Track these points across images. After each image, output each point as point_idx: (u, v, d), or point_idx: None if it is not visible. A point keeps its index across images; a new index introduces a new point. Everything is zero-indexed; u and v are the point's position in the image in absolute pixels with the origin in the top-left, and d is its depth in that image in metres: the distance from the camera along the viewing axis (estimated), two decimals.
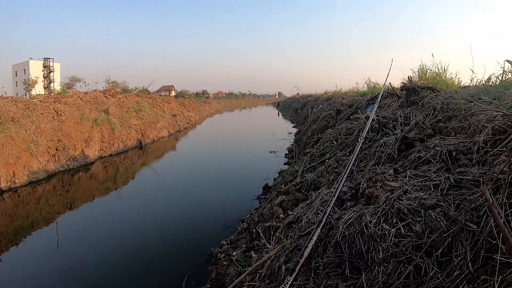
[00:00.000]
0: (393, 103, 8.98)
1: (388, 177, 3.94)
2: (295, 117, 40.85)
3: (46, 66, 79.01)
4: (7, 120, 14.75)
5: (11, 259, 8.06)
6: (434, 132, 5.23)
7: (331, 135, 9.21)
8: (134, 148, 23.40)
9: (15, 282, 6.92)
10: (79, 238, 8.62)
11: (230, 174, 15.06)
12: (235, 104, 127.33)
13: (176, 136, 31.38)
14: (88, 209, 11.27)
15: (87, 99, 22.55)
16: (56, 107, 18.90)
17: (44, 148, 16.06)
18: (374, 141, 6.37)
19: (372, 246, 2.86)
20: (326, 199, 4.15)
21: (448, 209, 2.81)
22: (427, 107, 6.67)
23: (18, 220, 10.70)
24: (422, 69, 10.73)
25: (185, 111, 47.70)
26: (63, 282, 6.48)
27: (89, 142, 19.46)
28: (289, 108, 61.48)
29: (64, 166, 16.73)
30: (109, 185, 14.76)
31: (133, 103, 28.51)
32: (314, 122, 17.84)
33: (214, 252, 7.00)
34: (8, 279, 7.11)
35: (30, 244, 8.79)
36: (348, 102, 15.88)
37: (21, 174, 13.97)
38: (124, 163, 19.55)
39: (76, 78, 39.60)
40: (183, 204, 10.98)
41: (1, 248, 8.58)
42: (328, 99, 25.85)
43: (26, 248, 8.60)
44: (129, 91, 38.70)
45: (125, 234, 8.76)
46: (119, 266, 7.10)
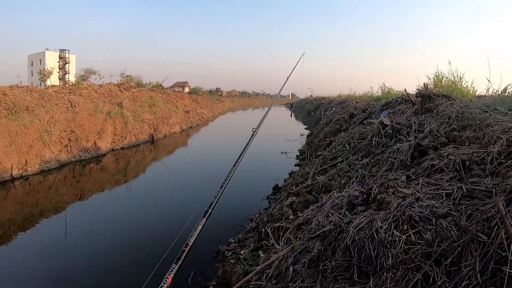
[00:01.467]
0: (408, 110, 8.93)
1: (400, 184, 3.93)
2: (307, 119, 40.77)
3: (62, 57, 79.59)
4: (21, 109, 14.93)
5: (19, 245, 8.18)
6: (448, 140, 5.20)
7: (344, 138, 9.20)
8: (146, 142, 23.55)
9: (21, 267, 7.02)
10: (87, 230, 8.69)
11: (240, 173, 14.92)
12: (248, 103, 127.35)
13: (188, 133, 31.49)
14: (97, 200, 11.36)
15: (101, 91, 22.71)
16: (70, 98, 19.08)
17: (57, 138, 16.26)
18: (387, 147, 6.35)
19: (382, 251, 2.86)
20: (337, 203, 4.16)
21: (460, 218, 2.80)
22: (442, 115, 6.62)
23: (28, 207, 10.85)
24: (438, 76, 10.65)
25: (198, 108, 47.87)
26: (68, 271, 6.53)
27: (102, 134, 19.62)
28: (302, 109, 61.34)
29: (76, 157, 16.91)
30: (119, 177, 14.88)
31: (146, 98, 28.66)
32: (326, 125, 17.82)
33: (222, 250, 7.03)
34: (14, 264, 7.24)
35: (38, 231, 8.93)
36: (362, 106, 15.81)
37: (33, 162, 14.15)
38: (135, 157, 19.68)
39: (91, 71, 40.07)
40: (192, 200, 11.02)
41: (9, 234, 8.71)
42: (342, 103, 25.74)
43: (33, 235, 8.73)
44: (143, 85, 38.93)
45: (132, 227, 8.82)
46: (125, 258, 7.16)
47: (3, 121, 13.83)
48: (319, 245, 3.55)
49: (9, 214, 10.29)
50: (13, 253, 7.87)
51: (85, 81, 30.31)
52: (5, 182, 12.71)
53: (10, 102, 14.82)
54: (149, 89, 34.25)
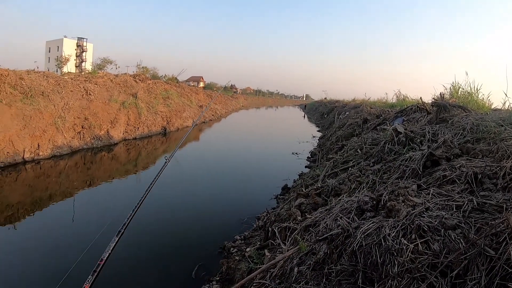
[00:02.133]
0: (422, 118, 8.89)
1: (411, 192, 3.93)
2: (320, 121, 40.63)
3: (80, 45, 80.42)
4: (37, 94, 15.11)
5: (26, 227, 8.31)
6: (461, 152, 5.18)
7: (356, 143, 9.18)
8: (158, 134, 23.70)
9: (27, 250, 7.11)
10: (94, 217, 8.73)
11: (250, 171, 15.12)
12: (262, 102, 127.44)
13: (200, 127, 31.58)
14: (106, 189, 11.44)
15: (117, 81, 22.87)
16: (86, 86, 19.27)
17: (70, 125, 16.44)
18: (399, 155, 6.34)
19: (388, 259, 2.85)
20: (346, 207, 4.16)
21: (468, 231, 2.80)
22: (457, 126, 6.60)
23: (37, 191, 10.98)
24: (454, 87, 10.60)
25: (211, 103, 47.92)
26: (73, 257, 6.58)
27: (115, 123, 19.77)
28: (316, 111, 61.16)
29: (88, 144, 17.09)
30: (130, 167, 14.99)
31: (161, 90, 28.79)
32: (339, 129, 17.77)
33: (227, 246, 7.04)
34: (20, 246, 7.33)
35: (46, 215, 9.04)
36: (376, 112, 15.73)
37: (46, 147, 14.34)
38: (147, 148, 19.81)
39: (107, 60, 40.32)
40: (200, 194, 11.07)
41: (17, 216, 8.83)
42: (356, 107, 25.64)
43: (41, 218, 8.83)
44: (159, 78, 39.12)
45: (140, 219, 8.85)
46: (130, 249, 7.19)
47: (18, 105, 13.99)
48: (326, 248, 3.56)
49: (18, 196, 10.43)
50: (15, 236, 8.00)
51: (101, 70, 30.44)
52: (17, 165, 12.91)
53: (26, 86, 15.01)
54: (164, 81, 34.37)
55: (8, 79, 14.40)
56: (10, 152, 12.87)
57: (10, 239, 7.78)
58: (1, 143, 12.58)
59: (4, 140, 12.75)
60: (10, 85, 14.33)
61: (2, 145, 12.61)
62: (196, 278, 6.05)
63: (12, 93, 14.16)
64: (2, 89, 13.81)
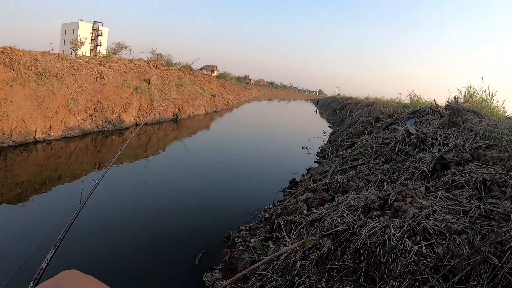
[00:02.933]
0: (435, 121, 8.85)
1: (419, 194, 3.93)
2: (332, 117, 40.48)
3: (95, 29, 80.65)
4: (51, 75, 15.21)
5: (34, 207, 8.41)
6: (472, 157, 5.16)
7: (367, 141, 9.16)
8: (169, 121, 23.79)
9: (33, 229, 7.21)
10: (101, 201, 8.79)
11: (258, 162, 15.12)
12: (275, 94, 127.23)
13: (212, 116, 31.65)
14: (115, 173, 11.50)
15: (131, 66, 22.94)
16: (100, 70, 19.35)
17: (83, 107, 16.58)
18: (409, 156, 6.33)
19: (392, 259, 2.86)
20: (353, 204, 4.18)
21: (474, 237, 2.80)
22: (469, 131, 6.56)
23: (47, 171, 11.09)
24: (469, 91, 10.52)
25: (224, 93, 48.04)
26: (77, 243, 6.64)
27: (127, 108, 19.89)
28: (328, 107, 60.93)
29: (99, 127, 17.23)
30: (139, 152, 15.06)
31: (174, 77, 28.84)
32: (351, 126, 17.73)
33: (232, 236, 7.08)
34: (28, 225, 7.45)
35: (54, 195, 9.13)
36: (389, 111, 15.65)
37: (57, 128, 14.48)
38: (158, 134, 19.90)
39: (122, 45, 40.40)
40: (207, 183, 11.12)
41: (26, 194, 8.94)
42: (368, 105, 25.51)
43: (49, 198, 8.93)
44: (172, 65, 39.14)
45: (146, 204, 8.92)
46: (135, 235, 7.25)
47: (32, 85, 14.11)
48: (330, 243, 3.58)
49: (28, 175, 10.56)
50: (23, 212, 8.15)
51: (116, 55, 30.57)
52: (28, 144, 13.08)
53: (41, 67, 15.10)
54: (178, 69, 34.41)
55: (23, 59, 14.51)
56: (22, 131, 13.02)
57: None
58: (13, 122, 12.73)
59: (17, 119, 12.89)
60: (24, 65, 14.44)
61: (14, 124, 12.75)
62: (199, 266, 6.10)
63: (26, 73, 14.28)
64: (17, 69, 13.92)
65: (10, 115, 12.60)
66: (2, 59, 13.74)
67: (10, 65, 13.82)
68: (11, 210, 8.11)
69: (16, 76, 13.68)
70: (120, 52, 38.58)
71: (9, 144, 12.37)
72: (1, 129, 12.24)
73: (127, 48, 40.19)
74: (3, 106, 12.50)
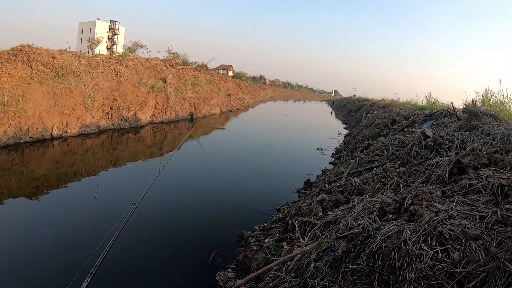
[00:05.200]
0: (452, 124, 8.77)
1: (435, 198, 3.91)
2: (348, 118, 40.24)
3: (112, 28, 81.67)
4: (68, 73, 15.47)
5: (50, 201, 8.54)
6: (489, 162, 5.08)
7: (383, 144, 9.12)
8: (185, 120, 23.94)
9: (49, 221, 7.34)
10: (116, 196, 8.84)
11: (274, 163, 15.12)
12: (290, 95, 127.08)
13: (227, 116, 31.75)
14: (130, 170, 11.61)
15: (147, 65, 23.19)
16: (116, 68, 19.62)
17: (99, 105, 16.82)
18: (426, 159, 6.28)
19: (407, 263, 2.84)
20: (369, 207, 4.16)
21: (490, 244, 2.76)
22: (487, 135, 6.49)
23: (63, 167, 11.26)
24: (486, 94, 10.40)
25: (240, 92, 48.19)
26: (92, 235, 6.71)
27: (143, 106, 20.09)
28: (343, 108, 60.54)
29: (115, 125, 17.45)
30: (155, 150, 15.19)
31: (190, 76, 29.05)
32: (366, 127, 17.62)
33: (246, 235, 7.10)
34: (44, 218, 7.61)
35: (69, 190, 9.27)
36: (405, 113, 15.51)
37: (74, 125, 14.71)
38: (173, 132, 20.02)
39: (139, 44, 40.83)
40: (222, 182, 11.16)
41: (42, 189, 9.08)
42: (384, 107, 25.29)
43: (65, 193, 9.07)
44: (188, 64, 39.46)
45: (161, 202, 8.97)
46: (150, 231, 7.31)
47: (49, 83, 14.35)
48: (345, 246, 3.58)
49: (44, 170, 10.76)
50: (40, 206, 8.28)
51: (132, 54, 30.88)
52: (45, 140, 13.34)
53: (58, 65, 15.38)
54: (194, 68, 34.68)
55: (41, 57, 14.77)
56: (39, 128, 13.25)
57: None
58: (31, 119, 12.96)
59: (34, 116, 13.13)
60: (42, 63, 14.70)
61: (31, 121, 12.98)
62: (213, 264, 6.14)
63: (44, 71, 14.53)
64: (35, 67, 14.18)
65: (27, 112, 12.83)
66: (20, 57, 13.99)
67: (28, 63, 14.07)
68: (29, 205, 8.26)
69: (34, 74, 13.92)
70: (136, 51, 39.02)
71: (26, 140, 12.61)
72: (18, 125, 12.46)
73: (143, 47, 40.60)
74: (20, 102, 12.72)
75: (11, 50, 14.39)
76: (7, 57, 13.70)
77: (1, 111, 12.04)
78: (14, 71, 13.28)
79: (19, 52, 14.22)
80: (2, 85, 12.49)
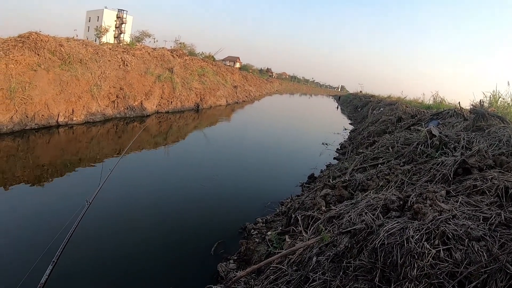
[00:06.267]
0: (458, 124, 8.75)
1: (439, 198, 3.91)
2: (353, 114, 40.09)
3: (119, 17, 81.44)
4: (75, 61, 15.50)
5: (53, 187, 8.59)
6: (494, 164, 5.08)
7: (388, 141, 9.11)
8: (190, 110, 23.97)
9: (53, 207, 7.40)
10: (120, 187, 8.85)
11: (277, 156, 15.12)
12: (296, 88, 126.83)
13: (233, 107, 31.76)
14: (134, 159, 11.64)
15: (154, 55, 23.18)
16: (123, 57, 19.65)
17: (106, 93, 16.90)
18: (431, 158, 6.28)
19: (409, 261, 2.85)
20: (372, 203, 4.17)
21: (492, 245, 2.77)
22: (493, 137, 6.47)
23: (67, 154, 11.33)
24: (494, 96, 10.37)
25: (246, 84, 48.13)
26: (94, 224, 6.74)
27: (149, 96, 20.13)
28: (350, 104, 60.29)
29: (121, 114, 17.52)
30: (159, 140, 15.21)
31: (197, 67, 29.00)
32: (372, 124, 17.61)
33: (248, 227, 7.11)
34: (48, 203, 7.64)
35: (73, 178, 9.31)
36: (411, 112, 15.46)
37: (80, 113, 14.78)
38: (178, 122, 20.05)
39: (146, 33, 40.79)
40: (226, 174, 11.16)
41: (46, 176, 9.14)
42: (391, 104, 25.22)
43: (68, 181, 9.10)
44: (195, 54, 39.39)
45: (165, 192, 9.01)
46: (152, 220, 7.35)
47: (56, 70, 14.40)
48: (347, 241, 3.59)
49: (49, 157, 10.84)
50: (43, 192, 8.34)
51: (140, 43, 30.82)
52: (50, 127, 13.43)
53: (65, 53, 15.42)
54: (201, 59, 34.62)
55: (48, 45, 14.80)
56: (45, 115, 13.33)
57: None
58: (37, 106, 13.04)
59: (40, 103, 13.20)
60: (49, 51, 14.74)
61: (37, 108, 13.06)
62: (215, 255, 6.16)
63: (51, 58, 14.57)
64: (42, 54, 14.22)
65: (33, 99, 12.89)
66: (27, 44, 14.02)
67: (35, 50, 14.11)
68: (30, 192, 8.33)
69: (40, 61, 13.97)
70: (143, 40, 38.94)
71: (32, 126, 12.68)
72: (24, 112, 12.53)
73: (150, 36, 40.51)
74: (27, 89, 12.78)
75: (18, 37, 14.42)
76: (14, 44, 13.73)
77: (8, 97, 12.11)
78: (21, 58, 13.32)
79: (26, 39, 14.25)
80: (9, 72, 12.53)
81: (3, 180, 8.53)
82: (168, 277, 5.49)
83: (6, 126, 11.88)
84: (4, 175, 8.87)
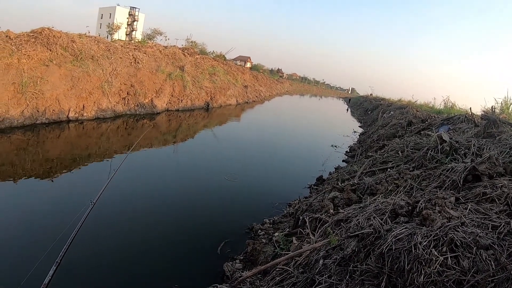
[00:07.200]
0: (469, 130, 8.70)
1: (448, 204, 3.89)
2: (363, 117, 39.94)
3: (132, 14, 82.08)
4: (87, 57, 15.66)
5: (60, 184, 8.62)
6: (505, 171, 5.03)
7: (398, 145, 9.08)
8: (200, 109, 24.04)
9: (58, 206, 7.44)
10: (126, 186, 8.85)
11: (286, 156, 15.11)
12: (307, 89, 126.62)
13: (243, 107, 31.80)
14: (143, 156, 11.69)
15: (165, 53, 23.29)
16: (135, 55, 19.76)
17: (116, 90, 17.02)
18: (441, 163, 6.25)
19: (416, 267, 2.85)
20: (381, 208, 4.16)
21: (501, 254, 2.75)
22: (504, 144, 6.41)
23: (77, 149, 11.43)
24: (506, 102, 10.32)
25: (257, 84, 48.13)
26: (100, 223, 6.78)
27: (160, 93, 20.23)
28: (360, 106, 60.05)
29: (131, 111, 17.63)
30: (169, 138, 15.27)
31: (208, 66, 29.08)
32: (382, 127, 17.54)
33: (255, 228, 7.12)
34: (52, 202, 7.68)
35: (80, 175, 9.35)
36: (422, 116, 15.41)
37: (90, 109, 14.92)
38: (188, 121, 20.10)
39: (158, 31, 41.07)
40: (234, 173, 11.14)
41: (55, 170, 9.23)
42: (401, 108, 25.15)
43: (75, 178, 9.15)
44: (207, 53, 39.49)
45: (173, 190, 9.06)
46: (158, 219, 7.37)
47: (68, 66, 14.54)
48: (354, 245, 3.59)
49: (58, 152, 10.95)
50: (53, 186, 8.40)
51: (151, 41, 31.03)
52: (61, 122, 13.57)
53: (77, 49, 15.59)
54: (212, 58, 34.72)
55: (60, 40, 14.95)
56: (56, 110, 13.48)
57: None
58: (48, 100, 13.18)
59: (51, 98, 13.35)
60: (61, 46, 14.89)
61: (48, 103, 13.20)
62: (221, 254, 6.17)
63: (63, 54, 14.72)
64: (54, 50, 14.36)
65: (45, 94, 13.04)
66: (40, 39, 14.16)
67: (48, 46, 14.25)
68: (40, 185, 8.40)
69: (52, 56, 14.11)
70: (155, 38, 39.24)
71: (42, 121, 12.83)
72: (35, 106, 12.66)
73: (162, 34, 40.82)
74: (38, 84, 12.91)
75: (31, 33, 14.56)
76: (26, 39, 13.87)
77: (19, 92, 12.25)
78: (33, 53, 13.48)
79: (39, 35, 14.39)
80: (21, 67, 12.68)
81: (11, 173, 8.63)
82: (174, 276, 5.51)
83: (17, 120, 12.03)
84: (12, 168, 8.97)
